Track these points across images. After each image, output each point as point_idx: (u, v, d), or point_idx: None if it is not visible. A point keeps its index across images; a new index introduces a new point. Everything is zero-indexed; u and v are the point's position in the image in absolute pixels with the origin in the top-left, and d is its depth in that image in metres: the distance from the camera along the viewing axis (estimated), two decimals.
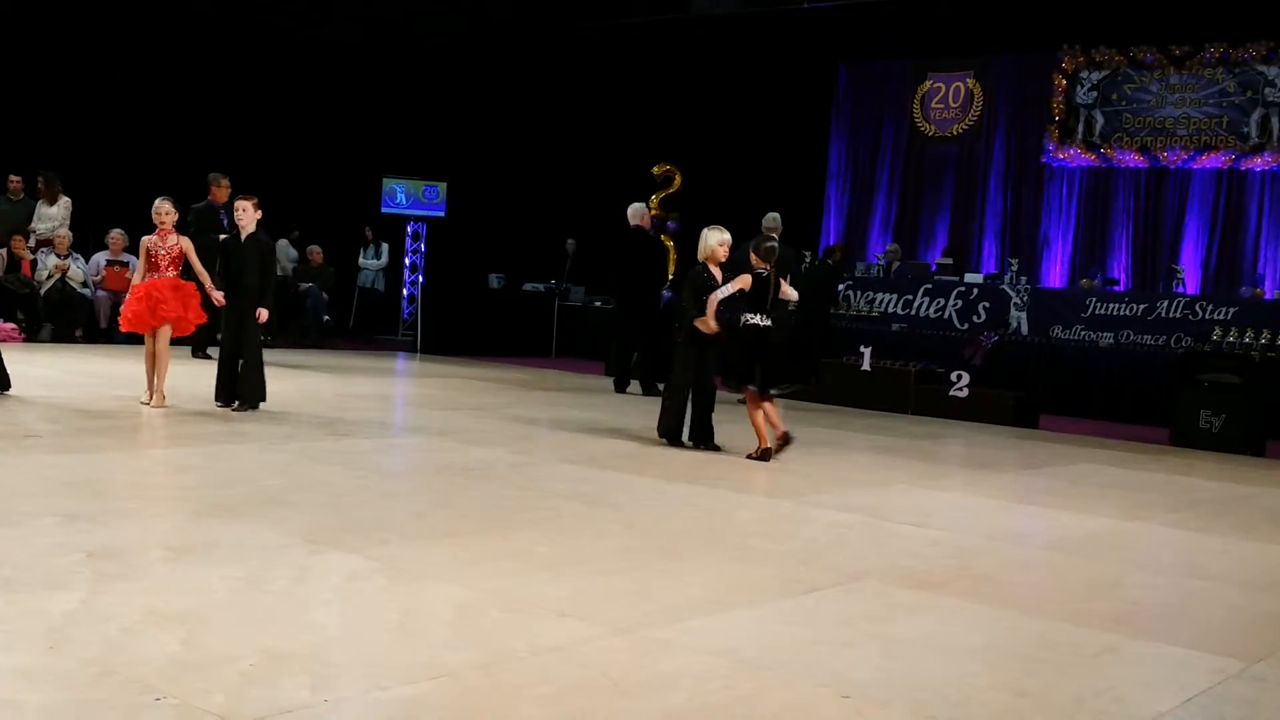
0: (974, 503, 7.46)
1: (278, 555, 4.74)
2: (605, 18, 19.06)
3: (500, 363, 15.87)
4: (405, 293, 19.90)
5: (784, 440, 8.46)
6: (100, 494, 5.69)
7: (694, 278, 8.69)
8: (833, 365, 13.65)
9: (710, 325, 8.40)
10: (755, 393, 8.34)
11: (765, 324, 8.27)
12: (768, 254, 8.31)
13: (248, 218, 9.15)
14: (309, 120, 19.06)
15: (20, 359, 11.23)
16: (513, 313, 18.06)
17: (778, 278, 8.36)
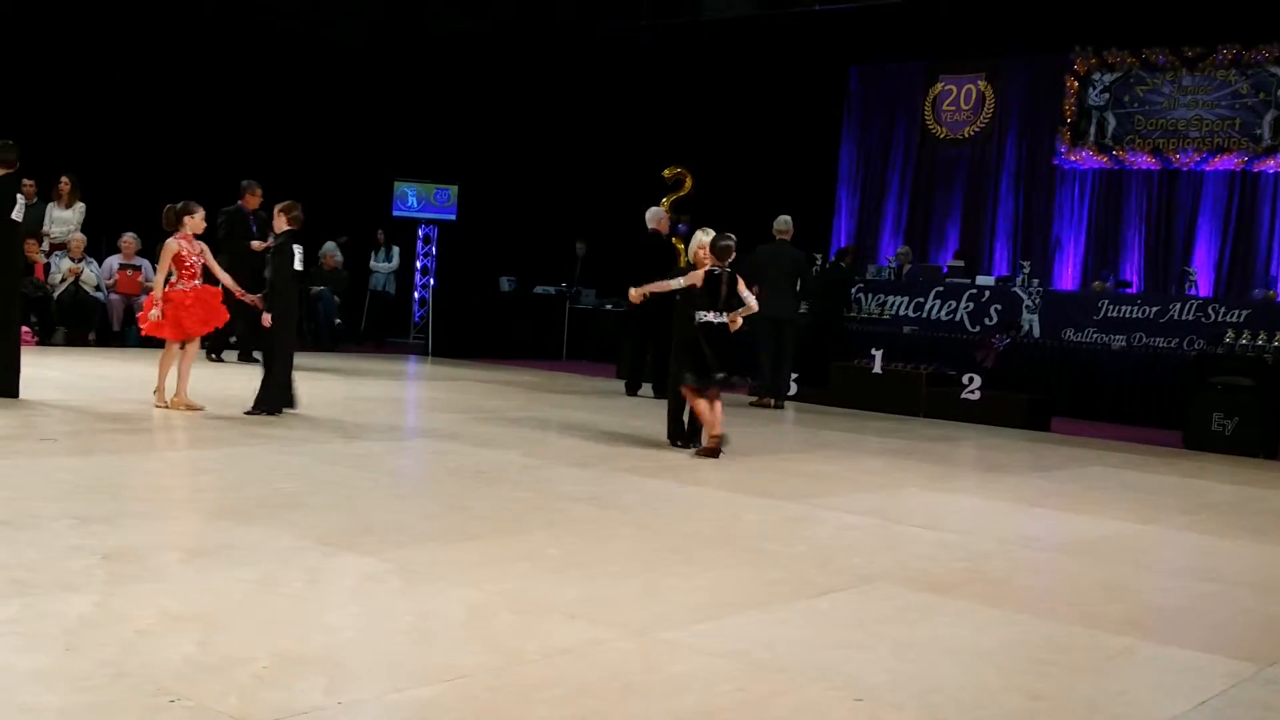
0: (986, 505, 7.45)
1: (292, 557, 4.76)
2: (617, 20, 19.09)
3: (511, 365, 15.89)
4: (416, 296, 19.94)
5: (691, 439, 8.54)
6: (115, 496, 5.71)
7: (674, 275, 8.98)
8: (844, 368, 13.65)
9: (633, 295, 8.70)
10: (694, 385, 8.38)
11: (720, 321, 8.31)
12: (723, 252, 8.37)
13: (275, 224, 9.24)
14: (320, 123, 19.11)
15: (34, 362, 11.28)
16: (524, 315, 18.09)
17: (733, 276, 8.39)
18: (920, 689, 3.73)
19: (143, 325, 9.21)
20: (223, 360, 13.17)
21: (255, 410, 8.91)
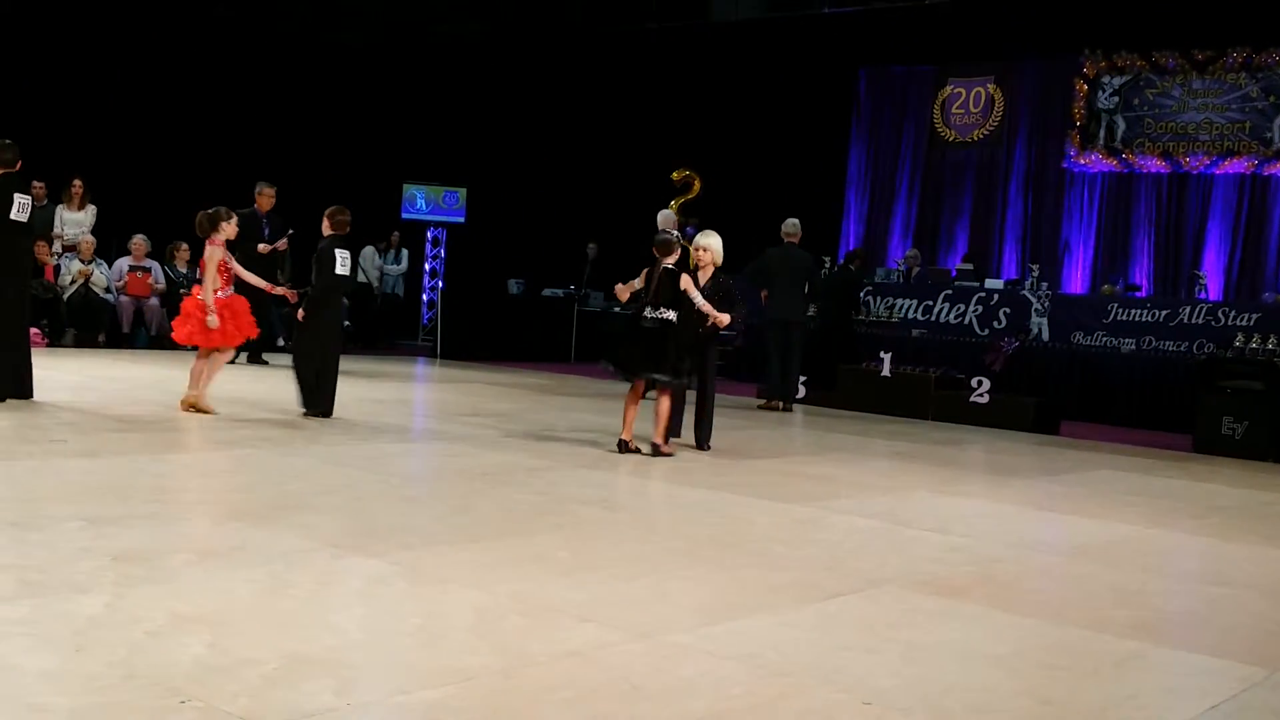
0: (995, 509, 7.44)
1: (301, 559, 4.77)
2: (625, 23, 19.10)
3: (520, 368, 15.90)
4: (425, 298, 19.97)
5: (652, 450, 8.46)
6: (125, 498, 5.72)
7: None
8: (853, 371, 13.64)
9: (619, 291, 8.63)
10: (637, 380, 8.46)
11: (666, 316, 8.27)
12: (660, 246, 8.41)
13: (323, 228, 9.26)
14: (329, 126, 19.14)
15: (44, 364, 11.31)
16: (532, 318, 18.10)
17: (672, 273, 8.36)
18: (929, 693, 3.73)
19: (182, 331, 9.09)
20: (266, 363, 13.32)
21: (309, 412, 8.98)
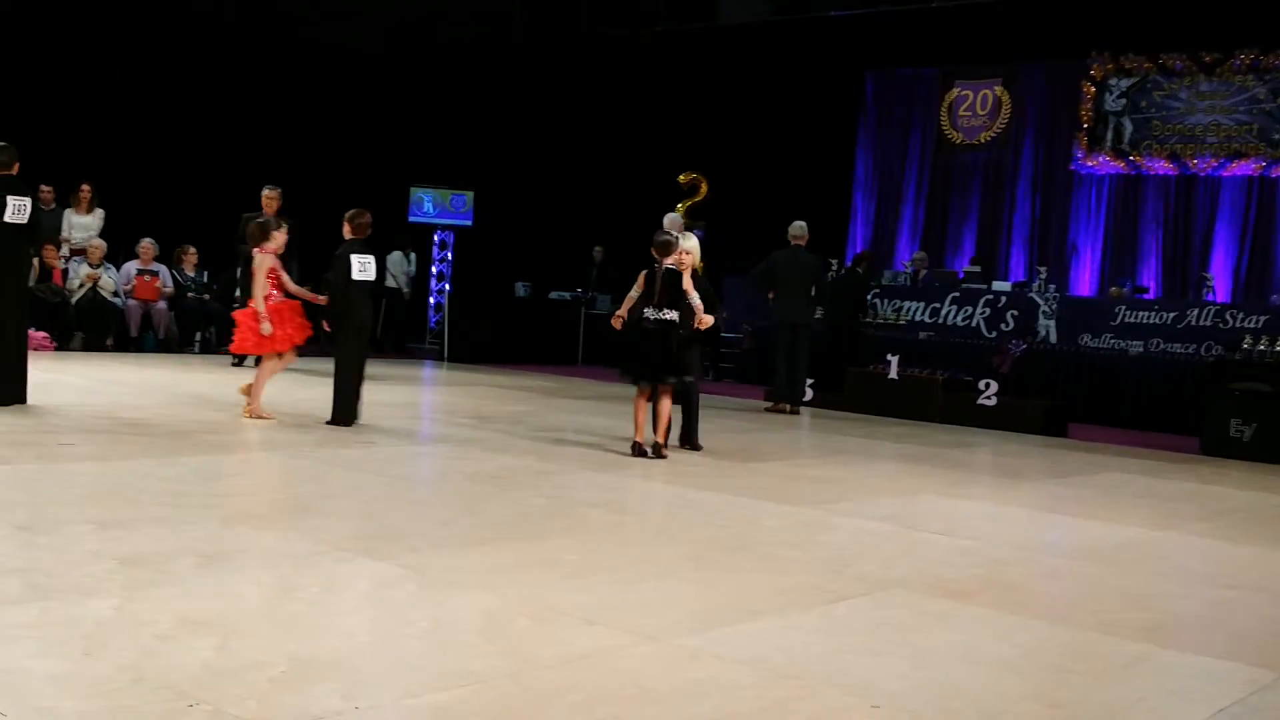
0: (1003, 512, 7.43)
1: (308, 562, 4.77)
2: (631, 26, 19.11)
3: (526, 371, 15.91)
4: (432, 301, 19.98)
5: (653, 450, 8.47)
6: (132, 501, 5.73)
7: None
8: (860, 374, 13.63)
9: (615, 322, 8.67)
10: (644, 386, 8.47)
11: (658, 318, 8.29)
12: (661, 248, 8.42)
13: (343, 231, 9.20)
14: (337, 130, 19.18)
15: (52, 368, 11.34)
16: (539, 321, 18.11)
17: (673, 274, 8.37)
18: (938, 696, 3.72)
19: (237, 341, 9.10)
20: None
21: (331, 422, 8.89)
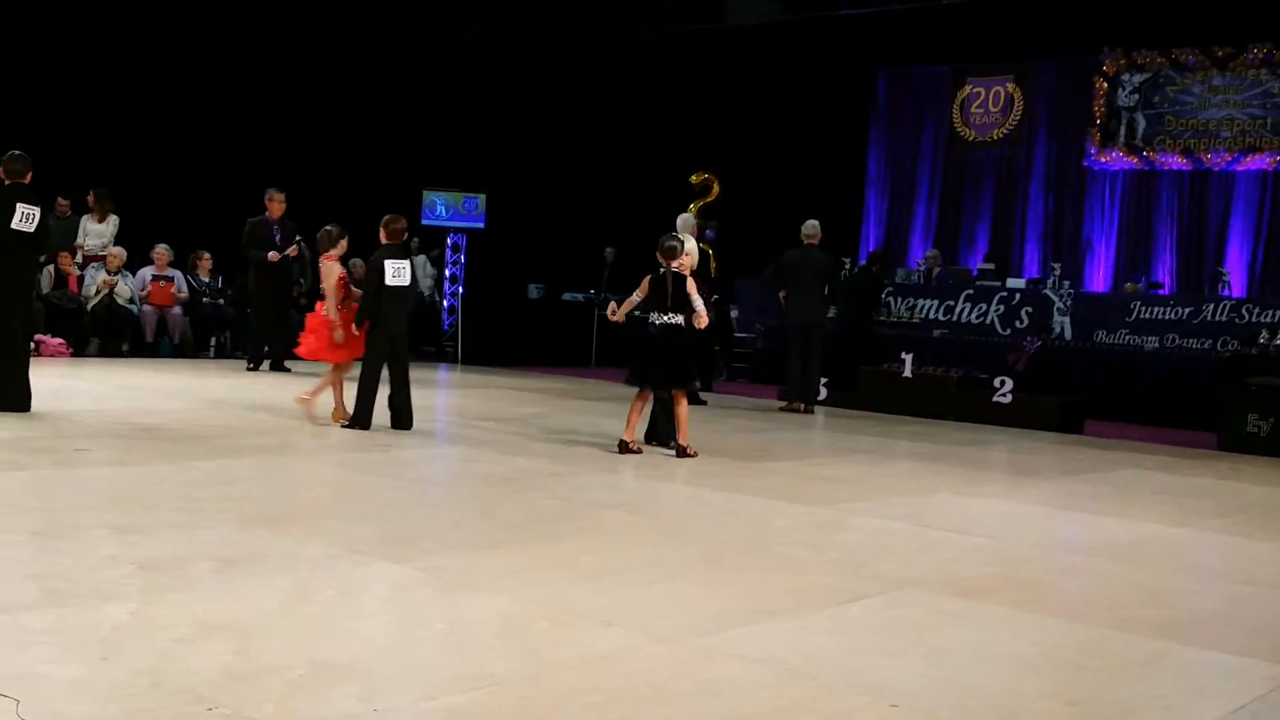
0: (1018, 509, 7.41)
1: (325, 566, 4.78)
2: (642, 26, 19.11)
3: (540, 373, 15.92)
4: (445, 304, 20.00)
5: (623, 447, 8.51)
6: (149, 506, 5.75)
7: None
8: (874, 372, 13.60)
9: (611, 316, 8.80)
10: (648, 390, 8.54)
11: (666, 322, 8.35)
12: (667, 252, 8.45)
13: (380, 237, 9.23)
14: (349, 134, 19.22)
15: (68, 374, 11.40)
16: (552, 323, 18.12)
17: (680, 277, 8.40)
18: (955, 695, 3.71)
19: (308, 347, 9.14)
20: (288, 370, 13.40)
21: (349, 424, 8.92)
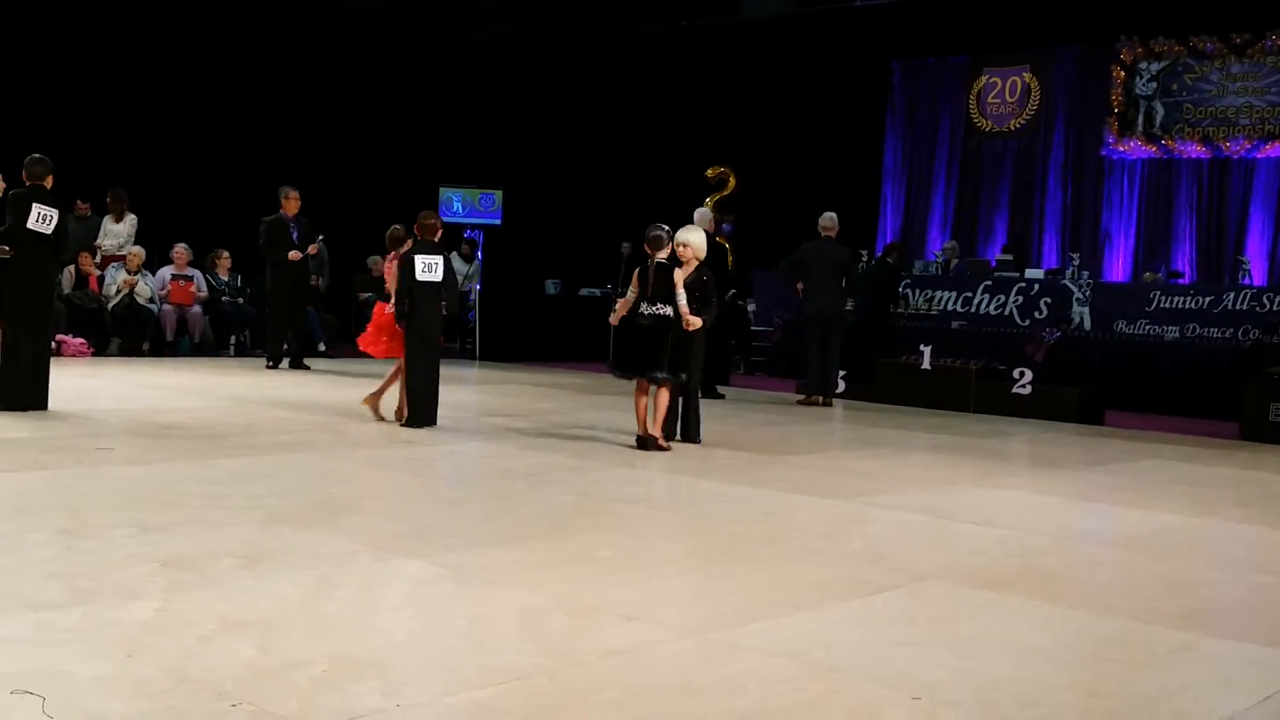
0: (1039, 501, 7.38)
1: (346, 562, 4.80)
2: (657, 22, 19.09)
3: (558, 368, 15.93)
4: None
5: (648, 443, 8.46)
6: (172, 504, 5.78)
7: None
8: (892, 365, 13.57)
9: (614, 320, 8.81)
10: (642, 380, 8.53)
11: (662, 312, 8.32)
12: (653, 243, 8.47)
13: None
14: (366, 133, 19.24)
15: (89, 373, 11.47)
16: (570, 318, 18.13)
17: (665, 268, 8.38)
18: (978, 687, 3.71)
19: (379, 346, 9.29)
20: (307, 368, 13.48)
21: (407, 423, 9.02)
